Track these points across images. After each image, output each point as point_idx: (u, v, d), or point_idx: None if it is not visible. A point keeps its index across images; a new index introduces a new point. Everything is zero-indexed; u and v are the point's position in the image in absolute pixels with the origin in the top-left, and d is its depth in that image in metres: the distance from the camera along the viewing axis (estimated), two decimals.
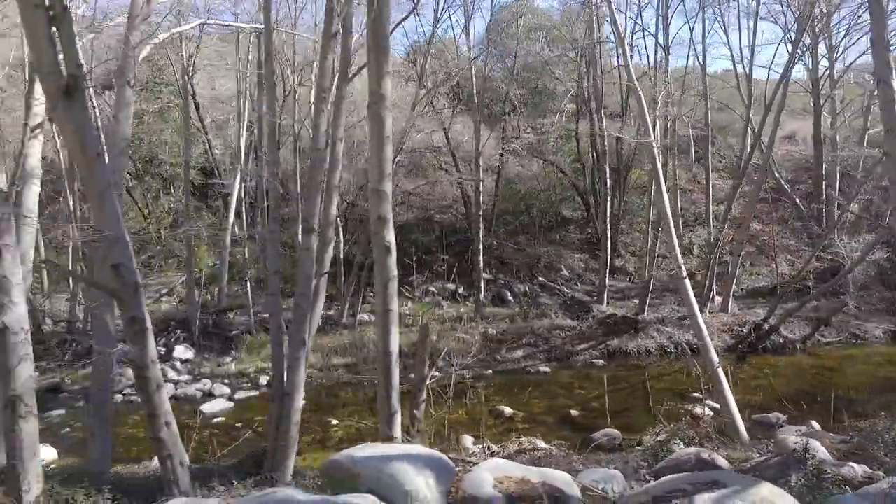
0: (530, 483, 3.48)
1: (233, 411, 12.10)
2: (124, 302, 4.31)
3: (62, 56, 3.80)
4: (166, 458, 4.75)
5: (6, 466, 5.77)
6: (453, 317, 18.44)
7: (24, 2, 3.53)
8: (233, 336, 15.84)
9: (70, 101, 3.78)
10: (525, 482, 3.48)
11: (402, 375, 7.36)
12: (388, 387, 4.99)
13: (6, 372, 5.55)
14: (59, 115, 3.74)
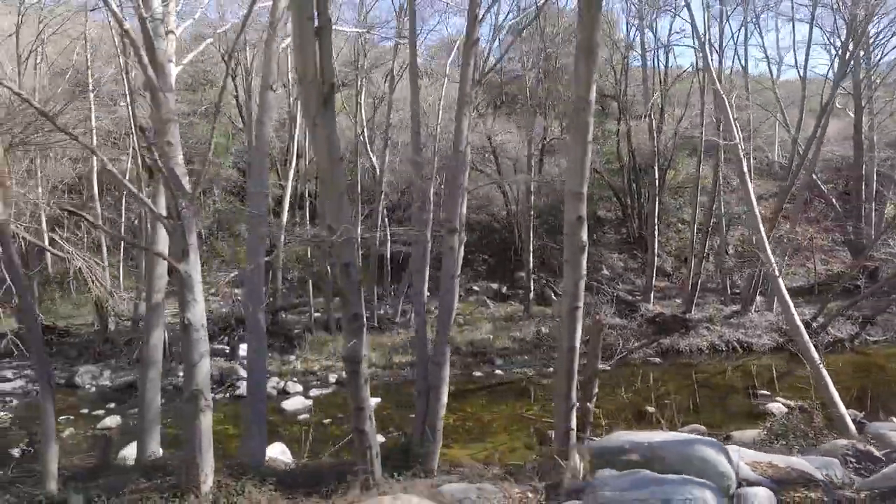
0: (780, 468, 3.69)
1: (313, 408, 12.28)
2: (348, 299, 4.51)
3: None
4: (367, 450, 4.96)
5: (184, 457, 6.00)
6: (502, 315, 18.70)
7: (297, 14, 3.75)
8: (294, 335, 16.04)
9: (325, 109, 4.00)
10: (775, 467, 3.70)
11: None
12: (570, 380, 5.20)
13: (189, 367, 5.79)
14: (318, 122, 3.94)
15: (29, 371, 14.09)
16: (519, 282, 21.50)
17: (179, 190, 5.46)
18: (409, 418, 11.78)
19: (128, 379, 13.72)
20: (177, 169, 5.44)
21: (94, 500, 5.26)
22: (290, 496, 6.18)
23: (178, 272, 5.55)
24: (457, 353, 16.01)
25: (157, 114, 5.36)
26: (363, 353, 4.72)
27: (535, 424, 10.95)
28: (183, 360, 5.73)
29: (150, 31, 5.15)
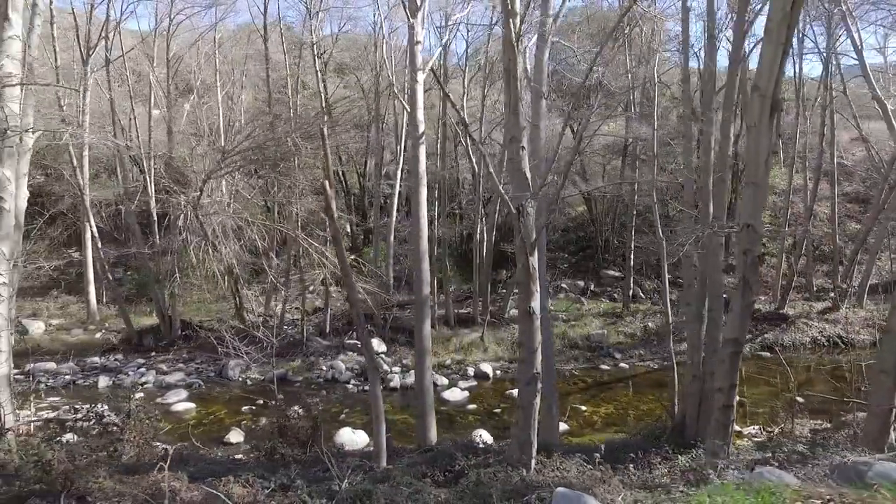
0: None
1: (469, 399, 12.84)
2: (750, 287, 5.03)
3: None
4: (726, 426, 5.52)
5: (518, 435, 6.55)
6: (600, 312, 19.28)
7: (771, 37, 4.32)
8: (411, 329, 16.59)
9: (768, 119, 4.58)
10: None
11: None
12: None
13: (530, 353, 6.37)
14: (760, 130, 4.52)
15: (182, 364, 14.71)
16: (605, 279, 22.12)
17: (527, 190, 6.06)
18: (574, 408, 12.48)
19: (280, 372, 14.28)
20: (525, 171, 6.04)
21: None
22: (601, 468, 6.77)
23: (524, 264, 6.13)
24: (576, 348, 16.65)
25: (516, 126, 5.95)
26: (745, 335, 5.28)
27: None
28: (523, 347, 6.29)
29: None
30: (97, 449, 6.44)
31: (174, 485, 6.15)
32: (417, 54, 8.22)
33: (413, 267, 8.22)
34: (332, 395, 13.22)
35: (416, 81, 8.18)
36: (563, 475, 6.51)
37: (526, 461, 6.39)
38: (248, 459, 7.93)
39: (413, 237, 8.19)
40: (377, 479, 6.09)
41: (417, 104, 8.19)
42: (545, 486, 5.83)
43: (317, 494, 5.95)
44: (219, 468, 7.26)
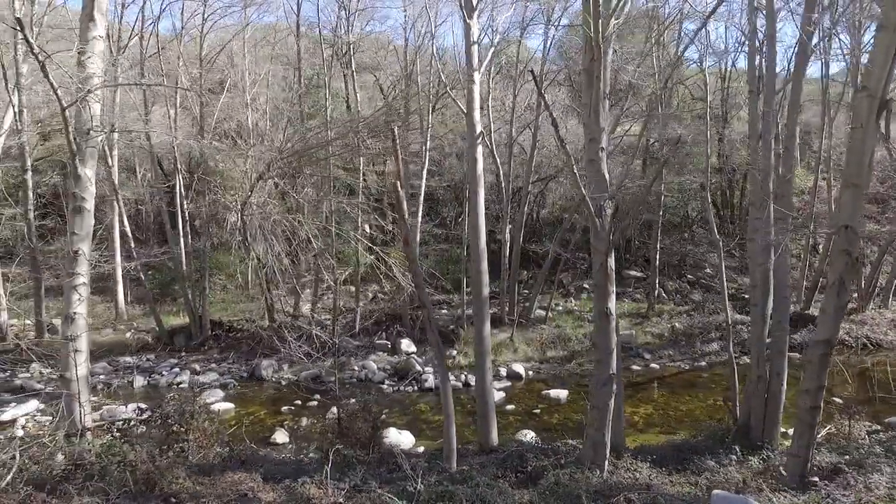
0: None
1: (506, 399, 12.82)
2: (845, 286, 5.01)
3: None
4: (812, 427, 5.51)
5: (593, 436, 6.54)
6: (625, 312, 19.25)
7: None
8: (447, 331, 16.59)
9: (875, 120, 4.56)
10: None
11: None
12: None
13: (606, 353, 6.36)
14: (866, 130, 4.51)
15: (215, 364, 14.71)
16: (628, 280, 22.10)
17: (605, 190, 6.06)
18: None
19: (312, 372, 14.29)
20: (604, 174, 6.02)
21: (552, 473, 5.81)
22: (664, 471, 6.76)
23: (602, 265, 6.13)
24: None
25: (596, 126, 5.94)
26: (836, 336, 5.27)
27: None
28: (598, 348, 6.28)
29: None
30: (166, 450, 6.43)
31: (251, 485, 6.14)
32: (474, 54, 8.21)
33: (472, 267, 8.21)
34: (368, 395, 13.15)
35: (472, 82, 8.16)
36: (635, 476, 6.51)
37: (600, 462, 6.39)
38: (310, 460, 7.91)
39: (472, 237, 8.18)
40: (455, 479, 6.08)
41: (474, 104, 8.17)
42: (627, 487, 5.83)
43: (395, 495, 5.95)
44: (284, 469, 7.26)
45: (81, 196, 5.61)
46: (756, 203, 7.24)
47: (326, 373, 14.48)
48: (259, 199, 10.15)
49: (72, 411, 5.83)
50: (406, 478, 6.92)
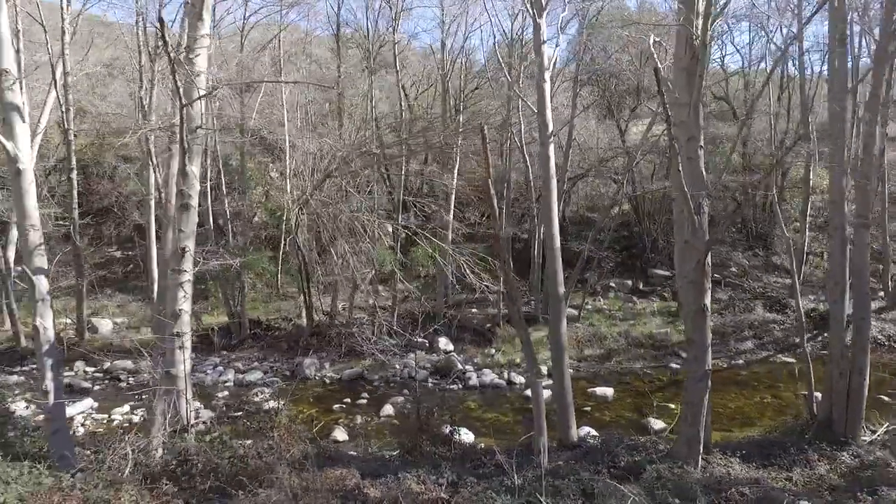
0: None
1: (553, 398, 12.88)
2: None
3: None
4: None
5: (687, 435, 6.59)
6: (654, 311, 19.33)
7: None
8: (483, 329, 16.65)
9: None
10: None
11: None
12: None
13: (702, 350, 6.41)
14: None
15: (257, 363, 14.75)
16: (654, 279, 22.16)
17: (703, 188, 6.11)
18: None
19: (354, 370, 14.35)
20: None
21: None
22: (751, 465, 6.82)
23: (699, 261, 6.18)
24: (641, 346, 16.70)
25: (696, 125, 5.99)
26: None
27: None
28: (693, 344, 6.33)
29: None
30: (262, 446, 6.47)
31: (354, 482, 6.19)
32: (544, 54, 8.26)
33: (548, 266, 8.25)
34: (414, 393, 13.22)
35: (544, 81, 8.20)
36: (729, 472, 6.56)
37: (694, 457, 6.45)
38: (389, 458, 7.95)
39: (546, 236, 8.23)
40: (557, 474, 6.12)
41: (546, 103, 8.22)
42: (730, 482, 5.88)
43: (495, 490, 6.00)
44: (369, 465, 7.31)
45: (188, 193, 5.65)
46: (834, 201, 7.30)
47: (369, 371, 14.53)
48: (318, 197, 10.16)
49: (178, 408, 5.87)
50: (495, 474, 7.00)
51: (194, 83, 5.37)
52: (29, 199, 5.32)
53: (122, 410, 11.55)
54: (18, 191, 5.26)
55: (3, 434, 6.11)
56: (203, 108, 5.84)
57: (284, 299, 19.90)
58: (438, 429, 8.16)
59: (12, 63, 5.12)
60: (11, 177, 5.27)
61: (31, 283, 5.45)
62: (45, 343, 5.58)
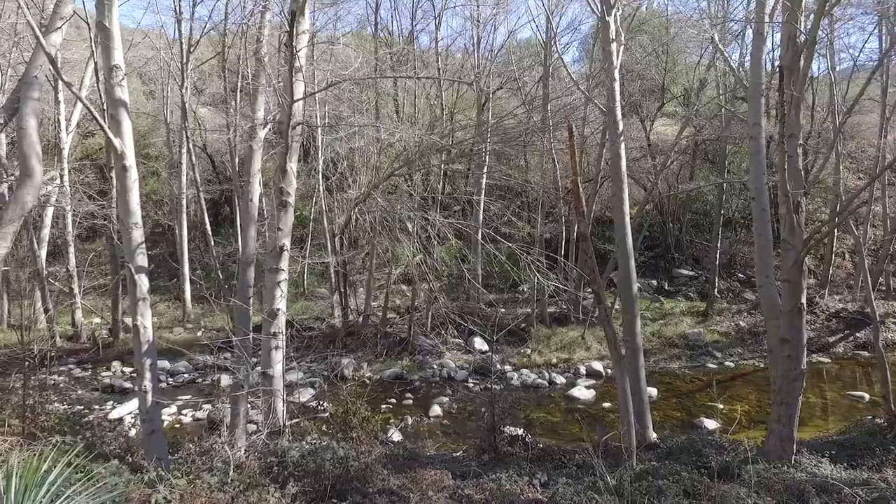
0: None
1: (597, 398, 12.83)
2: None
3: None
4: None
5: (781, 434, 6.55)
6: (684, 311, 19.32)
7: None
8: (518, 329, 16.59)
9: None
10: None
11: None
12: None
13: (798, 349, 6.35)
14: None
15: (295, 363, 14.63)
16: (679, 279, 22.18)
17: (801, 186, 6.06)
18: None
19: (394, 371, 14.26)
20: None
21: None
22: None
23: (796, 259, 6.13)
24: (675, 346, 16.68)
25: (796, 122, 5.95)
26: None
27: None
28: (788, 343, 6.28)
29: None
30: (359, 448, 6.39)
31: (449, 483, 6.13)
32: (613, 53, 8.22)
33: (620, 264, 8.20)
34: (458, 393, 13.17)
35: (614, 80, 8.17)
36: (820, 472, 6.51)
37: (787, 457, 6.41)
38: (466, 456, 7.89)
39: (619, 235, 8.19)
40: (657, 474, 6.07)
41: (615, 103, 8.18)
42: (843, 481, 5.82)
43: (594, 491, 5.93)
44: (456, 466, 7.24)
45: (287, 191, 5.58)
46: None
47: (408, 371, 14.45)
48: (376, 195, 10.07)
49: (276, 409, 5.79)
50: (582, 474, 6.94)
51: (301, 79, 5.29)
52: (133, 197, 5.24)
53: (169, 411, 11.45)
54: (124, 188, 5.18)
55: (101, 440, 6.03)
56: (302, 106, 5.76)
57: (311, 299, 19.83)
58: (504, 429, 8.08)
59: (122, 59, 5.04)
60: (117, 173, 5.19)
61: (132, 282, 5.37)
62: (145, 342, 5.50)
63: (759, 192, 7.57)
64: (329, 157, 14.99)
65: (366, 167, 11.69)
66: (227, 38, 12.58)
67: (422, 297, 17.61)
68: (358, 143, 12.23)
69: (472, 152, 10.90)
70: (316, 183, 15.26)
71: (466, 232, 17.10)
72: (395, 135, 9.43)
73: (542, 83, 16.94)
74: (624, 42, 8.58)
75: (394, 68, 18.71)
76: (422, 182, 13.74)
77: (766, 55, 8.48)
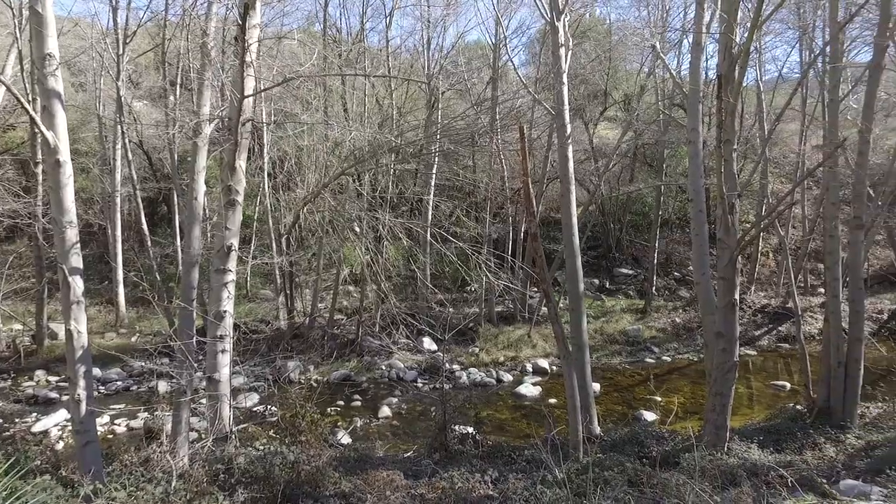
0: None
1: (544, 394, 13.15)
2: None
3: None
4: None
5: (716, 423, 6.91)
6: (623, 308, 20.08)
7: None
8: (466, 329, 16.72)
9: None
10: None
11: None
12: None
13: (731, 342, 6.74)
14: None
15: (238, 368, 14.15)
16: (619, 277, 23.02)
17: (735, 188, 6.45)
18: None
19: (341, 373, 14.07)
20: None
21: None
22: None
23: (730, 259, 6.51)
24: (616, 343, 17.30)
25: (731, 126, 6.33)
26: None
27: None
28: (723, 337, 6.66)
29: None
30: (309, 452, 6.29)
31: (403, 482, 6.14)
32: (561, 56, 8.47)
33: (567, 263, 8.43)
34: (407, 393, 13.15)
35: (562, 83, 8.41)
36: (750, 457, 6.95)
37: (721, 444, 6.79)
38: (417, 457, 7.90)
39: (566, 235, 8.42)
40: (603, 465, 6.29)
41: (564, 106, 8.42)
42: (771, 466, 6.23)
43: (544, 485, 6.09)
44: (408, 466, 7.24)
45: (235, 189, 5.40)
46: (833, 203, 7.88)
47: (356, 373, 14.30)
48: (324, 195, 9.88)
49: (222, 414, 5.60)
50: (531, 469, 7.10)
51: (252, 75, 5.15)
52: (67, 194, 4.94)
53: (101, 421, 10.84)
54: (57, 184, 4.88)
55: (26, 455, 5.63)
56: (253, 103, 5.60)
57: (255, 301, 19.26)
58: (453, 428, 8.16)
59: (56, 47, 4.75)
60: (49, 169, 4.89)
61: (65, 284, 5.08)
62: (79, 348, 5.21)
63: (696, 194, 7.98)
64: (275, 155, 14.61)
65: (315, 166, 11.49)
66: (167, 30, 12.04)
67: (370, 298, 17.47)
68: (307, 141, 12.00)
69: (423, 152, 10.91)
70: (261, 181, 14.83)
71: (416, 232, 17.13)
72: (347, 133, 9.31)
73: (490, 85, 17.19)
74: (571, 47, 8.80)
75: (341, 67, 18.45)
76: (371, 181, 13.62)
77: (703, 64, 8.96)
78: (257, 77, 5.28)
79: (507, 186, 19.50)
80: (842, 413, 7.83)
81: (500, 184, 19.79)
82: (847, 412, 7.82)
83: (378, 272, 16.07)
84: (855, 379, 7.82)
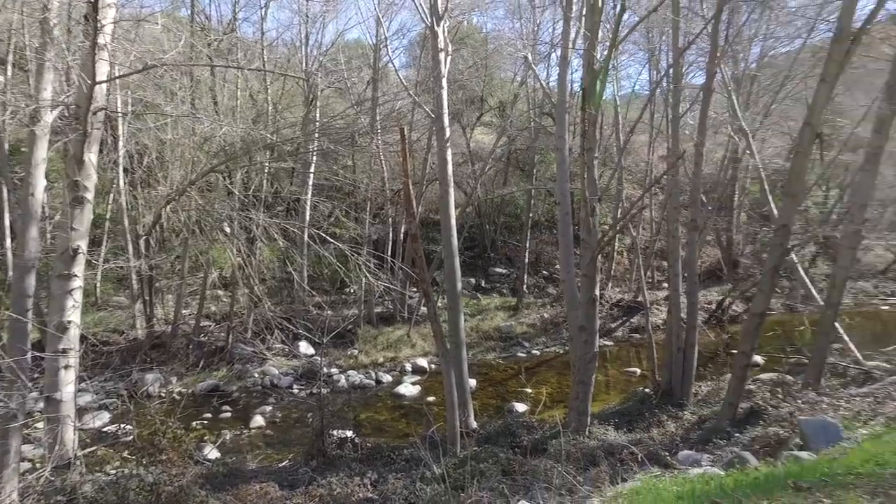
0: None
1: (423, 392, 13.35)
2: (777, 273, 6.68)
3: None
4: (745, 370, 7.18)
5: (578, 410, 7.49)
6: (498, 306, 21.05)
7: None
8: (344, 331, 16.43)
9: None
10: None
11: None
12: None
13: (592, 334, 7.39)
14: (806, 153, 6.16)
15: (85, 384, 12.59)
16: (494, 276, 24.05)
17: (596, 193, 7.08)
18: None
19: (209, 383, 13.15)
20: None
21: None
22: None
23: (592, 258, 7.13)
24: (490, 339, 18.05)
25: (593, 137, 6.92)
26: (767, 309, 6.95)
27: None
28: (584, 330, 7.25)
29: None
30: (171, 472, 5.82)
31: (279, 494, 5.95)
32: (441, 61, 8.69)
33: (446, 263, 8.63)
34: (282, 400, 12.63)
35: (441, 87, 8.64)
36: (608, 438, 7.67)
37: (583, 429, 7.42)
38: (293, 464, 7.61)
39: (445, 236, 8.61)
40: (478, 458, 6.55)
41: (443, 109, 8.65)
42: (615, 446, 6.90)
43: (422, 482, 6.24)
44: (283, 476, 6.95)
45: (84, 185, 4.79)
46: (676, 207, 8.95)
47: (226, 382, 13.43)
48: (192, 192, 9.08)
49: (64, 438, 4.95)
50: (411, 467, 7.18)
51: (106, 59, 4.60)
52: None
53: None
54: None
55: None
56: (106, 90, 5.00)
57: (104, 309, 17.30)
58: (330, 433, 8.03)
59: None
60: None
61: None
62: None
63: (563, 198, 8.59)
64: (133, 148, 13.22)
65: (180, 161, 10.57)
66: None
67: (242, 302, 16.52)
68: (171, 134, 11.01)
69: (300, 151, 10.54)
70: (115, 177, 13.33)
71: (293, 232, 16.49)
72: (217, 128, 8.68)
73: (371, 85, 17.09)
74: (450, 53, 9.05)
75: (211, 58, 17.16)
76: (244, 180, 12.85)
77: (569, 77, 9.71)
78: (112, 62, 4.74)
79: (387, 187, 19.52)
80: (680, 393, 8.92)
81: (380, 184, 19.79)
82: (684, 392, 8.93)
83: (251, 275, 15.26)
84: (691, 362, 8.95)
